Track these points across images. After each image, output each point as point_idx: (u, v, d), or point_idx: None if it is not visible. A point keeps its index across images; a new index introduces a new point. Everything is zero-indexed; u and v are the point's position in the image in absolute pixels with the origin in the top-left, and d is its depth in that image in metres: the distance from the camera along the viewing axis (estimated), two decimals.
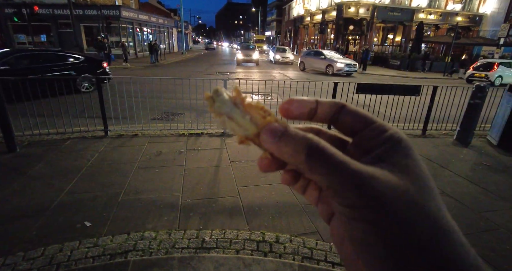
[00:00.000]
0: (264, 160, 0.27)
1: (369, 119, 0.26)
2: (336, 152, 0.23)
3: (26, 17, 14.92)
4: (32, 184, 3.34)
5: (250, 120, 0.25)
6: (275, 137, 0.24)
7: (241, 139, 0.26)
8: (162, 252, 2.38)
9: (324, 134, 0.29)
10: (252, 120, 0.25)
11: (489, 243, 2.67)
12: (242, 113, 0.25)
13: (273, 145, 0.24)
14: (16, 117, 4.37)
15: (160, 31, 32.44)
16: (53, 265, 2.20)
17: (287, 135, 0.23)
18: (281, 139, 0.23)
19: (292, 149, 0.23)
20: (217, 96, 0.26)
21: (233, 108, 0.25)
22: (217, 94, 0.26)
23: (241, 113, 0.25)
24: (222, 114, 0.25)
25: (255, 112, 0.25)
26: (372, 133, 0.26)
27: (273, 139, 0.24)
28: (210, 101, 0.26)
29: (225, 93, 0.26)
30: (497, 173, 4.14)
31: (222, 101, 0.25)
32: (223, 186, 3.47)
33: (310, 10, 34.70)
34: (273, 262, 2.33)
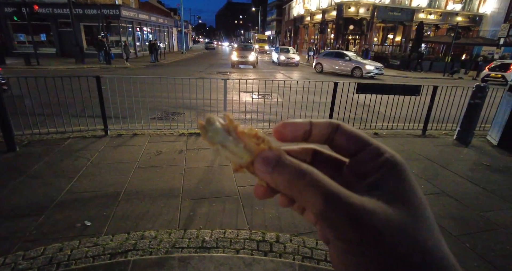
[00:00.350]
0: (260, 188, 0.27)
1: (365, 140, 0.26)
2: (331, 183, 0.22)
3: (26, 16, 14.91)
4: (32, 183, 3.34)
5: (243, 148, 0.25)
6: (269, 167, 0.23)
7: (235, 168, 0.26)
8: (162, 251, 2.38)
9: (320, 155, 0.30)
10: (245, 148, 0.25)
11: (489, 243, 2.67)
12: (236, 141, 0.25)
13: (266, 175, 0.24)
14: (16, 116, 4.37)
15: (160, 30, 32.42)
16: (53, 265, 2.20)
17: (281, 164, 0.23)
18: (274, 169, 0.23)
19: (286, 179, 0.23)
20: (210, 125, 0.25)
21: (226, 137, 0.25)
22: (209, 124, 0.25)
23: (234, 141, 0.25)
24: (215, 143, 0.25)
25: (249, 140, 0.25)
26: (368, 156, 0.25)
27: (266, 168, 0.23)
28: (203, 131, 0.25)
29: (218, 122, 0.25)
30: (497, 173, 4.14)
31: (214, 131, 0.25)
32: (223, 186, 3.47)
33: (310, 10, 34.70)
34: (273, 261, 2.33)
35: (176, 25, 37.42)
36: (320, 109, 5.69)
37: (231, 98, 7.32)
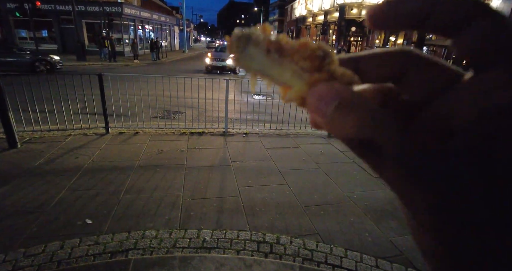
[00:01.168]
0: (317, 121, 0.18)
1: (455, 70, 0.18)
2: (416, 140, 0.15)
3: (27, 12, 14.89)
4: (33, 180, 3.34)
5: (292, 74, 0.18)
6: (327, 107, 0.16)
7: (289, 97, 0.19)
8: (163, 251, 2.38)
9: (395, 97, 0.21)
10: (295, 75, 0.18)
11: None
12: (281, 65, 0.18)
13: (323, 118, 0.17)
14: (17, 112, 4.36)
15: (162, 28, 32.43)
16: (53, 262, 2.20)
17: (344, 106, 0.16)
18: (335, 112, 0.16)
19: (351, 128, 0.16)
20: (242, 47, 0.18)
21: (266, 61, 0.18)
22: (242, 44, 0.18)
23: (279, 66, 0.18)
24: (252, 69, 0.19)
25: (302, 62, 0.18)
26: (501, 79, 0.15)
27: (322, 109, 0.17)
28: (236, 52, 0.19)
29: (253, 41, 0.18)
30: None
31: (250, 55, 0.18)
32: (224, 186, 3.47)
33: (313, 11, 34.72)
34: (273, 263, 2.33)
35: (178, 24, 37.42)
36: None
37: (233, 98, 7.32)
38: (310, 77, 0.18)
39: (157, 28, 30.69)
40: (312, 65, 0.18)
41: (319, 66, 0.18)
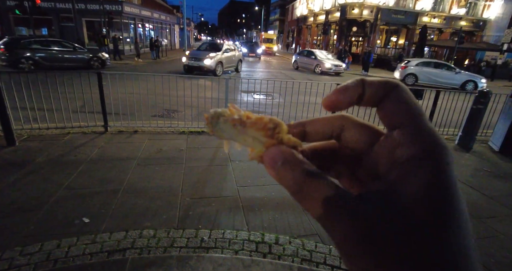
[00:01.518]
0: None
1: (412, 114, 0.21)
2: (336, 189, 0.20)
3: (27, 10, 14.85)
4: (31, 178, 3.32)
5: (253, 140, 0.23)
6: (275, 165, 0.22)
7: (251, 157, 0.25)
8: (160, 250, 2.36)
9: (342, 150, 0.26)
10: (255, 141, 0.23)
11: (489, 249, 2.66)
12: (244, 135, 0.23)
13: (272, 173, 0.22)
14: (15, 110, 4.34)
15: (162, 27, 32.36)
16: (50, 261, 2.18)
17: (286, 165, 0.21)
18: (279, 168, 0.21)
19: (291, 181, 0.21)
20: (215, 121, 0.24)
21: (233, 131, 0.24)
22: (214, 119, 0.24)
23: (242, 136, 0.24)
24: (224, 138, 0.24)
25: (258, 132, 0.23)
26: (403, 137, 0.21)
27: (272, 166, 0.22)
28: (209, 126, 0.24)
29: (222, 118, 0.24)
30: (498, 180, 4.12)
31: (221, 127, 0.24)
32: (222, 186, 3.45)
33: (314, 11, 34.64)
34: (272, 263, 2.31)
35: (178, 23, 37.34)
36: (322, 111, 5.67)
37: (233, 97, 7.30)
38: (265, 142, 0.23)
39: (158, 27, 30.62)
40: (265, 133, 0.23)
41: (272, 134, 0.23)
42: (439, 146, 0.20)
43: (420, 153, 0.19)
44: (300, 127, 0.25)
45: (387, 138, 0.22)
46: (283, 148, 0.22)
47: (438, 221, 0.18)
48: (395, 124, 0.21)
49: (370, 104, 0.23)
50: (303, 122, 0.26)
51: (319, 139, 0.26)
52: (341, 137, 0.25)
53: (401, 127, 0.21)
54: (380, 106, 0.22)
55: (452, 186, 0.19)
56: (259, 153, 0.24)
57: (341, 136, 0.25)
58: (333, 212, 0.19)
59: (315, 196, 0.20)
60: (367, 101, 0.23)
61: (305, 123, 0.26)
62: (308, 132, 0.25)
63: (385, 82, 0.22)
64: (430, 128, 0.20)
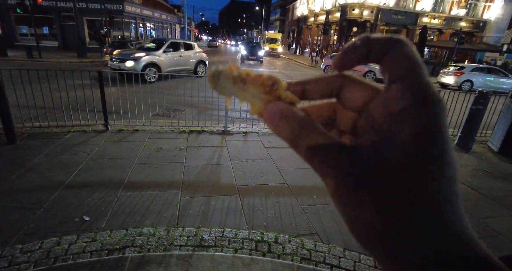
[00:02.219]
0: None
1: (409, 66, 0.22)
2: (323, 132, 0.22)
3: (29, 8, 14.86)
4: (31, 176, 3.33)
5: (253, 97, 0.25)
6: (274, 120, 0.23)
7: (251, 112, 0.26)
8: (160, 249, 2.37)
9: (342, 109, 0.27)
10: (255, 97, 0.25)
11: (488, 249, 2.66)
12: (244, 91, 0.25)
13: (272, 127, 0.24)
14: (16, 108, 4.35)
15: (163, 26, 32.37)
16: (50, 259, 2.19)
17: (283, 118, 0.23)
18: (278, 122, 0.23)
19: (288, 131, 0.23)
20: (216, 78, 0.25)
21: (234, 89, 0.25)
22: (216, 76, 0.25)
23: (242, 92, 0.25)
24: (225, 94, 0.26)
25: (257, 88, 0.25)
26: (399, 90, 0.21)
27: (271, 121, 0.23)
28: (212, 83, 0.25)
29: (223, 74, 0.25)
30: (497, 180, 4.13)
31: (222, 84, 0.25)
32: (222, 185, 3.46)
33: (314, 11, 34.65)
34: (271, 262, 2.32)
35: (179, 22, 37.37)
36: None
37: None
38: (264, 99, 0.25)
39: (158, 26, 30.64)
40: (264, 90, 0.25)
41: (270, 91, 0.25)
42: (431, 96, 0.20)
43: (412, 104, 0.20)
44: (300, 86, 0.26)
45: (385, 92, 0.23)
46: (280, 103, 0.24)
47: (422, 165, 0.19)
48: (394, 77, 0.22)
49: (375, 60, 0.23)
50: (303, 81, 0.26)
51: (318, 97, 0.27)
52: (340, 95, 0.26)
53: (399, 80, 0.21)
54: (382, 62, 0.23)
55: (439, 132, 0.20)
56: (259, 109, 0.25)
57: (340, 94, 0.26)
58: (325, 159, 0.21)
59: (309, 144, 0.21)
60: (373, 57, 0.23)
61: (305, 82, 0.26)
62: (308, 90, 0.26)
63: (389, 38, 0.23)
64: (426, 81, 0.21)
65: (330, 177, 0.21)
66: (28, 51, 15.57)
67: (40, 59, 15.31)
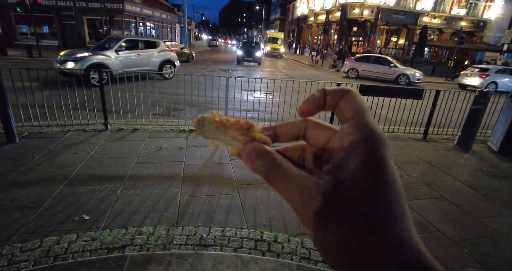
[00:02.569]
0: None
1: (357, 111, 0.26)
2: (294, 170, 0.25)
3: (28, 7, 14.84)
4: (31, 175, 3.33)
5: (233, 139, 0.28)
6: (250, 158, 0.26)
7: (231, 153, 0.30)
8: (160, 247, 2.37)
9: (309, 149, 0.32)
10: (234, 139, 0.28)
11: (487, 249, 2.67)
12: (225, 135, 0.28)
13: (249, 165, 0.26)
14: (16, 107, 4.35)
15: (163, 26, 32.34)
16: (50, 257, 2.19)
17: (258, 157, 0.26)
18: (254, 160, 0.26)
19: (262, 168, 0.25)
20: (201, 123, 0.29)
21: (216, 132, 0.28)
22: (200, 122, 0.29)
23: (224, 135, 0.28)
24: (209, 137, 0.29)
25: (236, 132, 0.28)
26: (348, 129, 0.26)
27: (248, 159, 0.26)
28: (197, 128, 0.29)
29: (207, 120, 0.28)
30: (497, 180, 4.13)
31: (206, 128, 0.29)
32: (222, 184, 3.46)
33: (314, 10, 34.62)
34: (271, 261, 2.32)
35: (179, 21, 37.33)
36: None
37: (233, 96, 7.30)
38: (241, 140, 0.28)
39: (159, 26, 30.61)
40: (242, 133, 0.28)
41: (246, 134, 0.28)
42: (373, 132, 0.24)
43: (358, 138, 0.24)
44: (272, 130, 0.30)
45: (339, 131, 0.27)
46: (255, 143, 0.27)
47: (370, 191, 0.23)
48: (345, 119, 0.27)
49: (330, 107, 0.28)
50: (273, 126, 0.31)
51: (288, 139, 0.31)
52: (306, 136, 0.30)
53: (349, 120, 0.26)
54: (337, 108, 0.27)
55: (382, 162, 0.23)
56: (237, 150, 0.28)
57: (306, 136, 0.30)
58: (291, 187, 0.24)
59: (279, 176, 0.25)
60: (328, 105, 0.28)
61: (276, 127, 0.31)
62: (278, 134, 0.30)
63: (340, 89, 0.28)
64: (370, 121, 0.25)
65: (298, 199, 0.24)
66: (28, 50, 15.55)
67: (40, 58, 15.29)
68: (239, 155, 0.28)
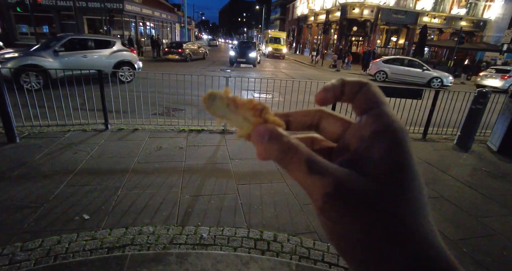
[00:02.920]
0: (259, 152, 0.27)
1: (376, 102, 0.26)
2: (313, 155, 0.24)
3: (28, 7, 14.84)
4: (31, 175, 3.33)
5: (242, 119, 0.27)
6: (263, 140, 0.25)
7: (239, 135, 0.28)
8: (160, 247, 2.38)
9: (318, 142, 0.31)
10: (245, 120, 0.27)
11: (485, 248, 2.68)
12: (235, 113, 0.27)
13: (260, 147, 0.25)
14: (16, 107, 4.36)
15: (163, 26, 32.35)
16: (50, 257, 2.20)
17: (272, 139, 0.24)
18: (267, 142, 0.24)
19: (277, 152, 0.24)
20: (211, 100, 0.27)
21: (226, 110, 0.27)
22: (211, 98, 0.27)
23: (234, 114, 0.27)
24: (217, 115, 0.27)
25: (247, 112, 0.27)
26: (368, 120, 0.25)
27: (260, 141, 0.25)
28: (206, 104, 0.27)
29: (218, 96, 0.27)
30: (496, 179, 4.14)
31: (215, 105, 0.27)
32: (222, 183, 3.47)
33: (314, 10, 34.61)
34: (270, 260, 2.33)
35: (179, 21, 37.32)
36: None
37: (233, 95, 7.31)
38: (253, 121, 0.26)
39: (159, 25, 30.61)
40: (254, 113, 0.26)
41: (259, 115, 0.26)
42: (396, 123, 0.24)
43: (381, 128, 0.24)
44: (284, 116, 0.29)
45: (357, 122, 0.27)
46: (269, 125, 0.26)
47: (393, 182, 0.22)
48: (363, 110, 0.26)
49: (348, 99, 0.27)
50: (286, 113, 0.30)
51: (299, 128, 0.30)
52: (319, 126, 0.30)
53: (368, 111, 0.25)
54: (354, 100, 0.27)
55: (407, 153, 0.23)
56: (247, 131, 0.26)
57: (319, 126, 0.30)
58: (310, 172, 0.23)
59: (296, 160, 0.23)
60: (346, 96, 0.27)
61: (289, 114, 0.30)
62: (291, 122, 0.30)
63: (359, 81, 0.27)
64: (391, 112, 0.25)
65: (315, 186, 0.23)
66: None
67: None
68: (248, 137, 0.27)
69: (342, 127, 0.29)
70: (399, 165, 0.22)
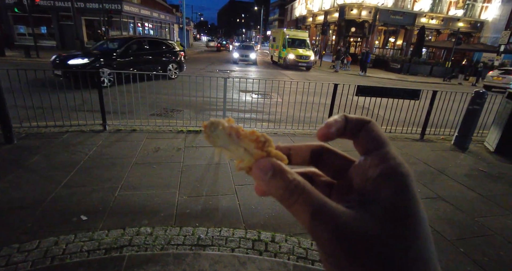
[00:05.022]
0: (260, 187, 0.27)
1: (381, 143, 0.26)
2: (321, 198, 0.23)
3: (26, 8, 14.80)
4: (29, 176, 3.33)
5: (244, 152, 0.25)
6: (265, 176, 0.24)
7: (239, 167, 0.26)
8: (157, 248, 2.38)
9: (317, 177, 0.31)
10: (246, 152, 0.25)
11: (483, 248, 2.69)
12: (237, 145, 0.26)
13: (262, 183, 0.24)
14: (14, 108, 4.34)
15: (162, 26, 32.34)
16: (47, 258, 2.20)
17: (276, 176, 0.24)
18: (269, 179, 0.24)
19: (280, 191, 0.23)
20: (213, 128, 0.26)
21: (227, 140, 0.26)
22: (212, 127, 0.26)
23: (235, 145, 0.26)
24: (217, 145, 0.26)
25: (250, 144, 0.25)
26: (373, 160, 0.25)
27: (262, 177, 0.24)
28: (206, 133, 0.26)
29: (220, 126, 0.26)
30: (493, 180, 4.16)
31: (217, 134, 0.26)
32: (220, 184, 3.47)
33: (313, 11, 34.69)
34: (268, 261, 2.33)
35: (178, 22, 37.31)
36: (320, 110, 5.70)
37: (231, 96, 7.31)
38: (255, 154, 0.25)
39: (157, 26, 30.60)
40: (256, 145, 0.25)
41: (262, 147, 0.25)
42: (402, 166, 0.24)
43: (388, 170, 0.24)
44: (285, 150, 0.29)
45: (361, 162, 0.27)
46: (273, 160, 0.25)
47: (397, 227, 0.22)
48: (367, 150, 0.26)
49: (350, 136, 0.27)
50: (288, 146, 0.30)
51: (299, 162, 0.30)
52: (319, 162, 0.30)
53: (373, 152, 0.25)
54: (356, 137, 0.27)
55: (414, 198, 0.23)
56: (248, 164, 0.25)
57: (320, 161, 0.30)
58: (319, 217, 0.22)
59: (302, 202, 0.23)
60: (348, 133, 0.27)
61: (290, 147, 0.30)
62: (292, 155, 0.29)
63: (361, 119, 0.27)
64: (396, 154, 0.25)
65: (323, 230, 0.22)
66: (26, 50, 15.51)
67: (38, 58, 15.25)
68: (248, 170, 0.25)
69: (343, 165, 0.29)
70: (406, 211, 0.22)
